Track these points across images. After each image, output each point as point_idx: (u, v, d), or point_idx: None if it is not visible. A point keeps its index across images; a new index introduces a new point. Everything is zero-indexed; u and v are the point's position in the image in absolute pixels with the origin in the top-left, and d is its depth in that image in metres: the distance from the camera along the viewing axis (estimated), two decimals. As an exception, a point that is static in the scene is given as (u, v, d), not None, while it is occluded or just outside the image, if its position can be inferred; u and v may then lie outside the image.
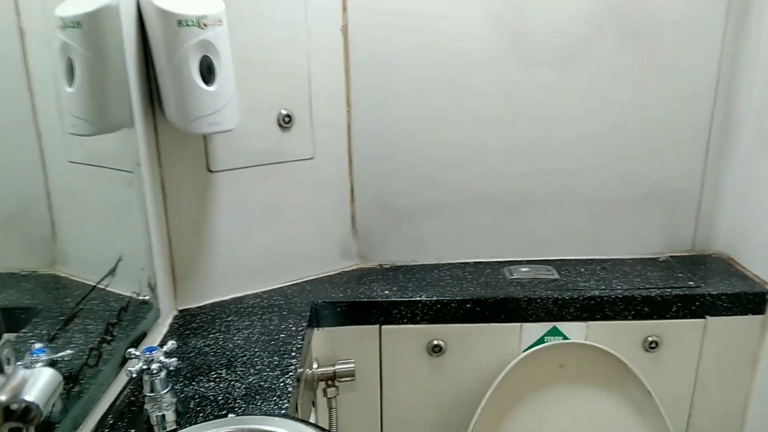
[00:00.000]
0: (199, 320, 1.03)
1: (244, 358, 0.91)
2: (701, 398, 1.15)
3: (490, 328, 1.09)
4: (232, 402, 0.81)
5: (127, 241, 0.88)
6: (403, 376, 1.12)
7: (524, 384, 1.08)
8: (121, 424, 0.77)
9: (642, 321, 1.09)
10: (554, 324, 1.09)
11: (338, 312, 1.08)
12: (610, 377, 1.08)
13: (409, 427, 1.14)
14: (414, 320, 1.08)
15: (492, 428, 1.08)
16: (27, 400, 0.28)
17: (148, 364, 0.73)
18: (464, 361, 1.11)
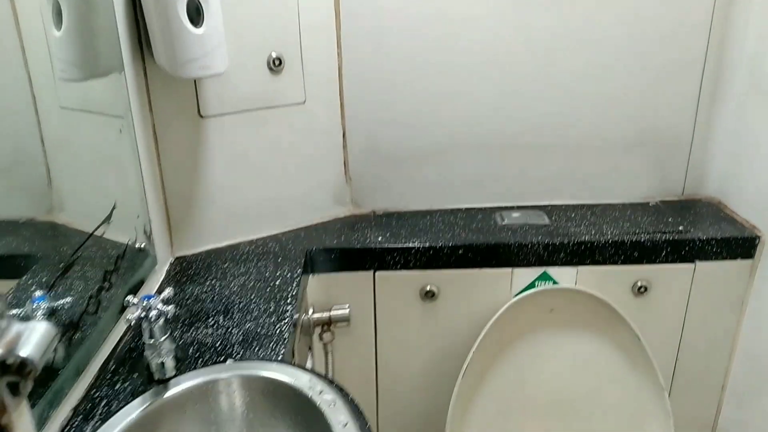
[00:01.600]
0: (195, 267, 1.04)
1: (240, 305, 0.93)
2: (688, 342, 1.19)
3: (482, 273, 1.11)
4: (230, 348, 0.83)
5: (121, 189, 0.88)
6: (396, 321, 1.14)
7: (515, 328, 1.11)
8: (123, 370, 0.79)
9: (631, 266, 1.11)
10: (545, 269, 1.11)
11: (332, 259, 1.10)
12: (599, 321, 1.11)
13: (403, 371, 1.18)
14: (407, 266, 1.10)
15: (483, 371, 1.11)
16: (21, 356, 0.29)
17: (146, 311, 0.75)
18: (456, 306, 1.14)
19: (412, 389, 1.19)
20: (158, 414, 0.73)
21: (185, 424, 0.76)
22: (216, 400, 0.77)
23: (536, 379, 1.12)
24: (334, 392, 0.75)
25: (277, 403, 0.77)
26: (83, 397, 0.74)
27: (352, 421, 0.70)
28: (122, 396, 0.75)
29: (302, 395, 0.74)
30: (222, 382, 0.77)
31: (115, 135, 0.87)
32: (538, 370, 1.12)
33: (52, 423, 0.68)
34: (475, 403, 1.12)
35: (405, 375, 1.18)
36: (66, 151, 0.76)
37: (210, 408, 0.77)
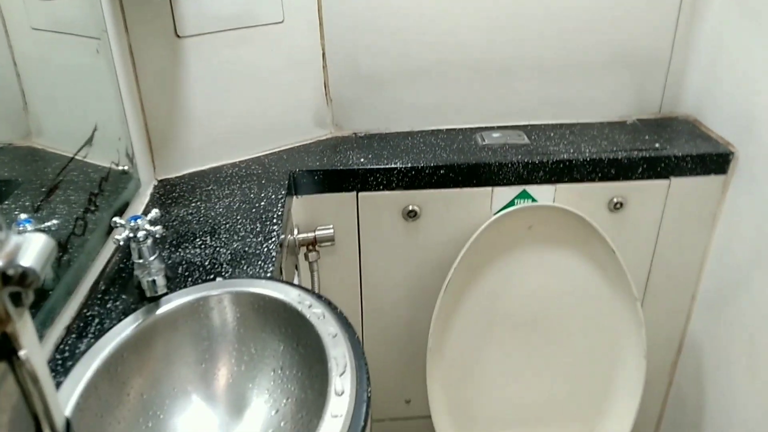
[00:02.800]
0: (179, 190, 1.04)
1: (227, 226, 0.94)
2: (661, 255, 1.23)
3: (463, 192, 1.13)
4: (218, 267, 0.85)
5: (101, 111, 0.86)
6: (380, 240, 1.16)
7: (495, 245, 1.13)
8: (113, 289, 0.81)
9: (608, 183, 1.14)
10: (524, 187, 1.13)
11: (316, 180, 1.10)
12: (576, 237, 1.14)
13: (386, 287, 1.21)
14: (390, 187, 1.11)
15: (464, 287, 1.14)
16: (24, 266, 0.30)
17: (134, 232, 0.75)
18: (438, 225, 1.16)
19: (395, 305, 1.23)
20: (151, 331, 0.75)
21: (178, 340, 0.78)
22: (207, 316, 0.79)
23: (515, 293, 1.16)
24: (322, 306, 0.77)
25: (267, 318, 0.79)
26: (75, 316, 0.76)
27: (341, 332, 0.73)
28: (114, 314, 0.76)
29: (292, 309, 0.77)
30: (213, 298, 0.79)
31: (91, 56, 0.85)
32: (516, 285, 1.15)
33: (46, 341, 0.69)
34: (456, 317, 1.15)
35: (389, 292, 1.21)
36: (41, 73, 0.74)
37: (201, 324, 0.79)
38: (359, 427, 0.61)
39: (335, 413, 0.62)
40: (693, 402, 1.31)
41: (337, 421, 0.61)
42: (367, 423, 0.63)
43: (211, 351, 0.79)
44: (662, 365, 1.36)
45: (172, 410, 0.75)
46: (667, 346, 1.34)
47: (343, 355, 0.70)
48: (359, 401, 0.64)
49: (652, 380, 1.37)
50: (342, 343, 0.71)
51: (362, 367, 0.69)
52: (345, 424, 0.61)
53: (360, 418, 0.62)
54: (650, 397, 1.40)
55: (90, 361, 0.68)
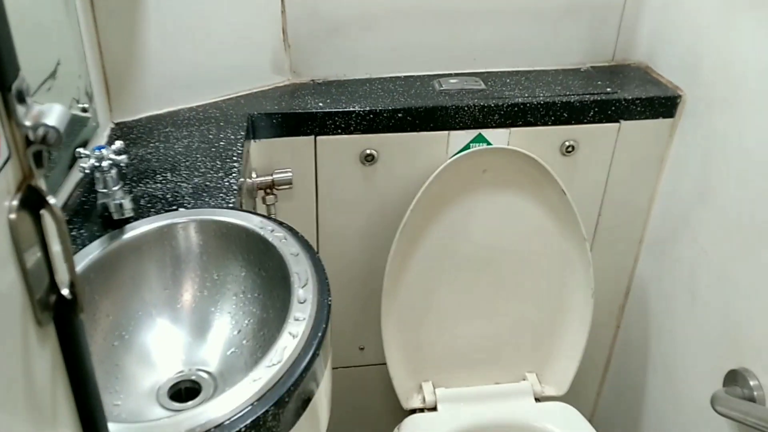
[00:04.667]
0: (136, 132, 1.11)
1: (187, 163, 1.02)
2: (611, 198, 1.35)
3: (420, 136, 1.22)
4: (180, 199, 0.93)
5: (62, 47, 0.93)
6: (337, 184, 1.25)
7: (450, 189, 1.23)
8: (78, 219, 0.88)
9: (561, 126, 1.25)
10: (479, 131, 1.23)
11: (274, 124, 1.18)
12: (529, 180, 1.24)
13: (343, 231, 1.30)
14: (347, 130, 1.20)
15: (419, 229, 1.24)
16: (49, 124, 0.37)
17: (99, 161, 0.83)
18: (395, 169, 1.25)
19: (352, 248, 1.32)
20: (117, 255, 0.83)
21: (143, 265, 0.86)
22: (171, 243, 0.87)
23: (469, 236, 1.26)
24: (284, 230, 0.86)
25: (230, 245, 0.88)
26: (43, 242, 0.83)
27: (303, 251, 0.82)
28: (80, 241, 0.84)
29: (255, 234, 0.86)
30: (178, 226, 0.87)
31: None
32: (471, 227, 1.26)
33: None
34: (411, 260, 1.26)
35: (346, 235, 1.31)
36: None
37: (166, 251, 0.87)
38: (321, 329, 0.71)
39: (298, 317, 0.72)
40: (639, 344, 1.45)
41: (299, 324, 0.71)
42: (327, 326, 0.72)
43: (175, 277, 0.88)
44: (610, 309, 1.50)
45: (138, 331, 0.84)
46: (616, 290, 1.47)
47: (305, 270, 0.79)
48: (321, 307, 0.74)
49: (601, 325, 1.51)
50: (304, 260, 0.81)
51: (323, 281, 0.78)
52: (308, 325, 0.71)
53: (322, 320, 0.72)
54: (599, 342, 1.54)
55: (60, 280, 0.76)
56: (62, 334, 0.40)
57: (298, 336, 0.69)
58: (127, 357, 0.82)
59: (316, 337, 0.70)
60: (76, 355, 0.42)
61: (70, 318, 0.39)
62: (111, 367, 0.80)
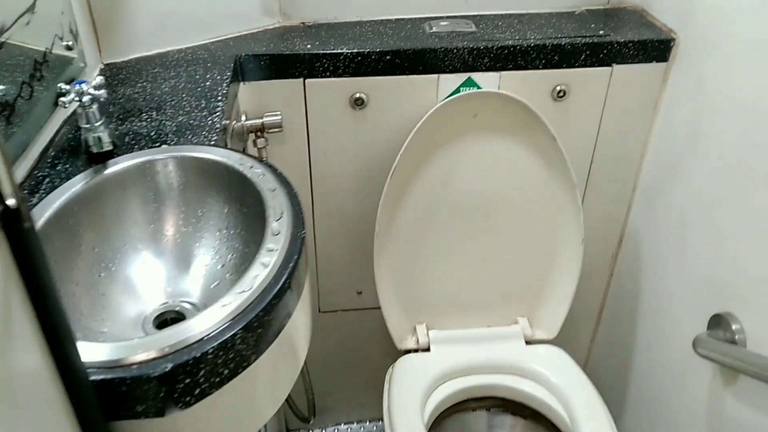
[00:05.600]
0: (125, 72, 1.13)
1: (172, 103, 1.04)
2: (604, 144, 1.35)
3: (409, 80, 1.23)
4: (164, 137, 0.95)
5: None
6: (328, 128, 1.27)
7: (440, 133, 1.24)
8: (63, 155, 0.91)
9: (552, 70, 1.24)
10: (469, 75, 1.24)
11: (262, 66, 1.19)
12: (519, 126, 1.25)
13: (335, 175, 1.32)
14: (336, 73, 1.21)
15: (410, 174, 1.26)
16: None
17: (80, 96, 0.85)
18: (385, 113, 1.26)
19: (344, 192, 1.34)
20: (100, 189, 0.86)
21: (127, 201, 0.89)
22: (154, 179, 0.90)
23: (460, 181, 1.28)
24: (263, 167, 0.88)
25: (212, 181, 0.90)
26: (26, 176, 0.86)
27: (280, 187, 0.84)
28: (64, 175, 0.86)
29: (234, 171, 0.88)
30: (159, 162, 0.89)
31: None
32: (461, 172, 1.27)
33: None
34: (403, 204, 1.28)
35: (338, 179, 1.33)
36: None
37: (149, 187, 0.90)
38: (293, 260, 0.73)
39: (270, 248, 0.74)
40: (631, 291, 1.47)
41: (272, 254, 0.73)
42: (300, 257, 0.75)
43: (159, 213, 0.91)
44: (604, 258, 1.51)
45: (124, 264, 0.87)
46: (609, 238, 1.48)
47: (281, 204, 0.81)
48: (294, 239, 0.76)
49: (594, 274, 1.53)
50: (280, 195, 0.83)
51: (298, 214, 0.80)
52: (280, 256, 0.73)
53: (294, 252, 0.74)
54: (593, 289, 1.56)
55: (42, 211, 0.79)
56: (15, 245, 0.42)
57: (270, 266, 0.72)
58: (113, 288, 0.85)
59: (288, 268, 0.72)
60: (32, 266, 0.44)
61: (20, 228, 0.42)
62: (97, 297, 0.83)
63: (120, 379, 0.59)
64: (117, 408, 0.60)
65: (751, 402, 1.08)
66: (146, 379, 0.59)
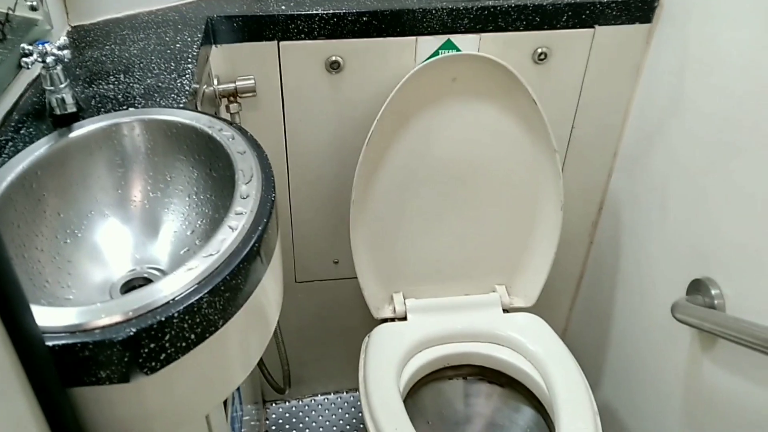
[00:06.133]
0: (93, 35, 1.10)
1: (141, 65, 1.01)
2: (585, 109, 1.35)
3: (387, 42, 1.21)
4: (131, 100, 0.93)
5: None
6: (303, 92, 1.25)
7: (418, 97, 1.23)
8: (27, 119, 0.88)
9: (533, 32, 1.23)
10: (448, 37, 1.22)
11: (235, 27, 1.17)
12: (499, 90, 1.24)
13: (311, 141, 1.31)
14: (312, 35, 1.19)
15: (388, 140, 1.25)
16: None
17: (43, 57, 0.82)
18: (362, 77, 1.24)
19: (320, 159, 1.33)
20: (65, 153, 0.84)
21: (93, 165, 0.87)
22: (121, 143, 0.88)
23: (438, 146, 1.27)
24: (232, 130, 0.87)
25: (181, 145, 0.89)
26: (-11, 140, 0.84)
27: (250, 150, 0.83)
28: (28, 139, 0.84)
29: (203, 133, 0.86)
30: (124, 126, 0.87)
31: None
32: (440, 137, 1.26)
33: (-40, 159, 0.78)
34: (380, 171, 1.27)
35: (314, 145, 1.31)
36: None
37: (115, 151, 0.88)
38: (262, 223, 0.72)
39: (239, 211, 0.73)
40: (611, 259, 1.47)
41: (240, 217, 0.72)
42: (269, 221, 0.74)
43: (126, 177, 0.89)
44: (584, 225, 1.52)
45: (91, 230, 0.85)
46: (589, 206, 1.48)
47: (250, 167, 0.80)
48: (264, 202, 0.75)
49: (574, 241, 1.53)
50: (250, 158, 0.81)
51: (268, 177, 0.79)
52: (248, 219, 0.72)
53: (263, 215, 0.73)
54: (572, 257, 1.56)
55: (5, 175, 0.77)
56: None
57: (237, 229, 0.71)
58: (80, 254, 0.84)
59: (257, 231, 0.71)
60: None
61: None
62: (63, 264, 0.82)
63: (82, 343, 0.58)
64: (79, 373, 0.59)
65: (728, 366, 1.09)
66: (109, 344, 0.58)
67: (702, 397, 1.16)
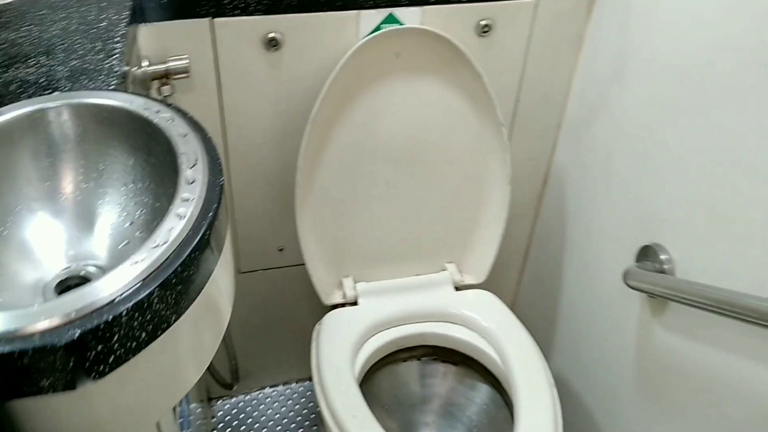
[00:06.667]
0: (7, 16, 1.01)
1: (64, 46, 0.93)
2: (529, 82, 1.34)
3: (327, 17, 1.16)
4: (56, 83, 0.86)
5: None
6: (240, 72, 1.19)
7: (362, 75, 1.19)
8: (-64, 107, 0.80)
9: (476, 3, 1.21)
10: (391, 10, 1.18)
11: (164, 4, 1.10)
12: (444, 64, 1.21)
13: (251, 123, 1.25)
14: (247, 11, 1.13)
15: (332, 120, 1.20)
16: None
17: (-48, 37, 0.74)
18: (302, 54, 1.19)
19: (262, 142, 1.28)
20: (-16, 144, 0.76)
21: (17, 157, 0.80)
22: (46, 130, 0.81)
23: (384, 124, 1.23)
24: (171, 111, 0.81)
25: (114, 130, 0.82)
26: None
27: (192, 132, 0.77)
28: (-60, 130, 0.76)
29: (138, 117, 0.80)
30: (51, 111, 0.80)
31: None
32: (385, 115, 1.23)
33: None
34: (325, 151, 1.22)
35: (254, 127, 1.25)
36: None
37: (41, 140, 0.81)
38: (212, 208, 0.67)
39: (186, 198, 0.68)
40: (557, 231, 1.48)
41: (188, 204, 0.67)
42: (219, 206, 0.69)
43: (54, 168, 0.82)
44: (529, 198, 1.52)
45: (18, 227, 0.78)
46: (534, 179, 1.49)
47: (194, 150, 0.74)
48: (212, 186, 0.70)
49: (519, 214, 1.53)
50: (193, 140, 0.76)
51: (215, 160, 0.74)
52: (197, 206, 0.67)
53: (213, 200, 0.68)
54: (518, 231, 1.57)
55: None
56: None
57: (186, 216, 0.65)
58: (7, 254, 0.77)
59: (207, 218, 0.66)
60: None
61: None
62: (-12, 266, 0.75)
63: (20, 351, 0.52)
64: (19, 384, 0.53)
65: (680, 329, 1.11)
66: (51, 349, 0.53)
67: (656, 361, 1.18)
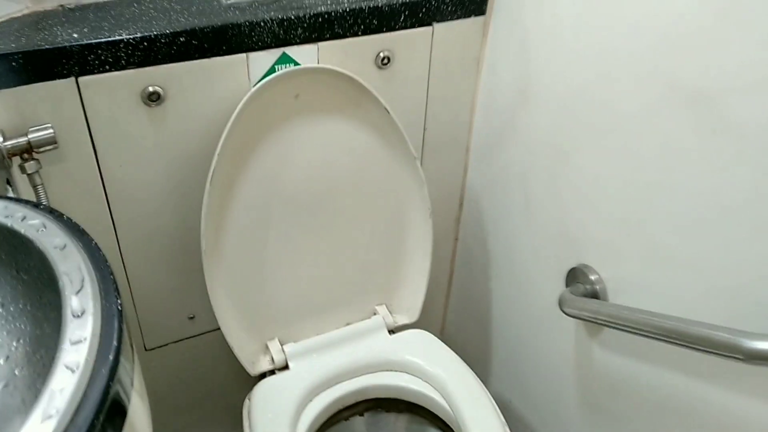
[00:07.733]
0: None
1: None
2: (434, 109, 1.22)
3: (212, 63, 0.99)
4: None
5: None
6: (119, 134, 0.99)
7: (260, 122, 1.03)
8: None
9: (372, 36, 1.07)
10: (283, 50, 1.02)
11: (15, 67, 0.88)
12: (347, 101, 1.07)
13: (140, 192, 1.05)
14: (119, 65, 0.93)
15: (233, 175, 1.03)
16: None
17: None
18: (189, 106, 1.01)
19: (153, 207, 1.07)
20: None
21: None
22: None
23: (291, 172, 1.07)
24: (41, 215, 0.61)
25: (-33, 245, 0.62)
26: None
27: (71, 241, 0.59)
28: None
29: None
30: None
31: None
32: (291, 163, 1.07)
33: None
34: (230, 210, 1.05)
35: (142, 192, 1.05)
36: None
37: None
38: (111, 348, 0.50)
39: (75, 339, 0.50)
40: (479, 255, 1.38)
41: (78, 348, 0.49)
42: (122, 341, 0.51)
43: None
44: (447, 224, 1.41)
45: None
46: (450, 203, 1.38)
47: (78, 268, 0.56)
48: (108, 317, 0.52)
49: (440, 241, 1.42)
50: (74, 254, 0.57)
51: (106, 277, 0.56)
52: (92, 347, 0.49)
53: (111, 337, 0.51)
54: (439, 259, 1.45)
55: None
56: None
57: (79, 368, 0.47)
58: None
59: (107, 362, 0.49)
60: None
61: None
62: None
63: None
64: None
65: (616, 348, 1.04)
66: None
67: (597, 379, 1.10)
